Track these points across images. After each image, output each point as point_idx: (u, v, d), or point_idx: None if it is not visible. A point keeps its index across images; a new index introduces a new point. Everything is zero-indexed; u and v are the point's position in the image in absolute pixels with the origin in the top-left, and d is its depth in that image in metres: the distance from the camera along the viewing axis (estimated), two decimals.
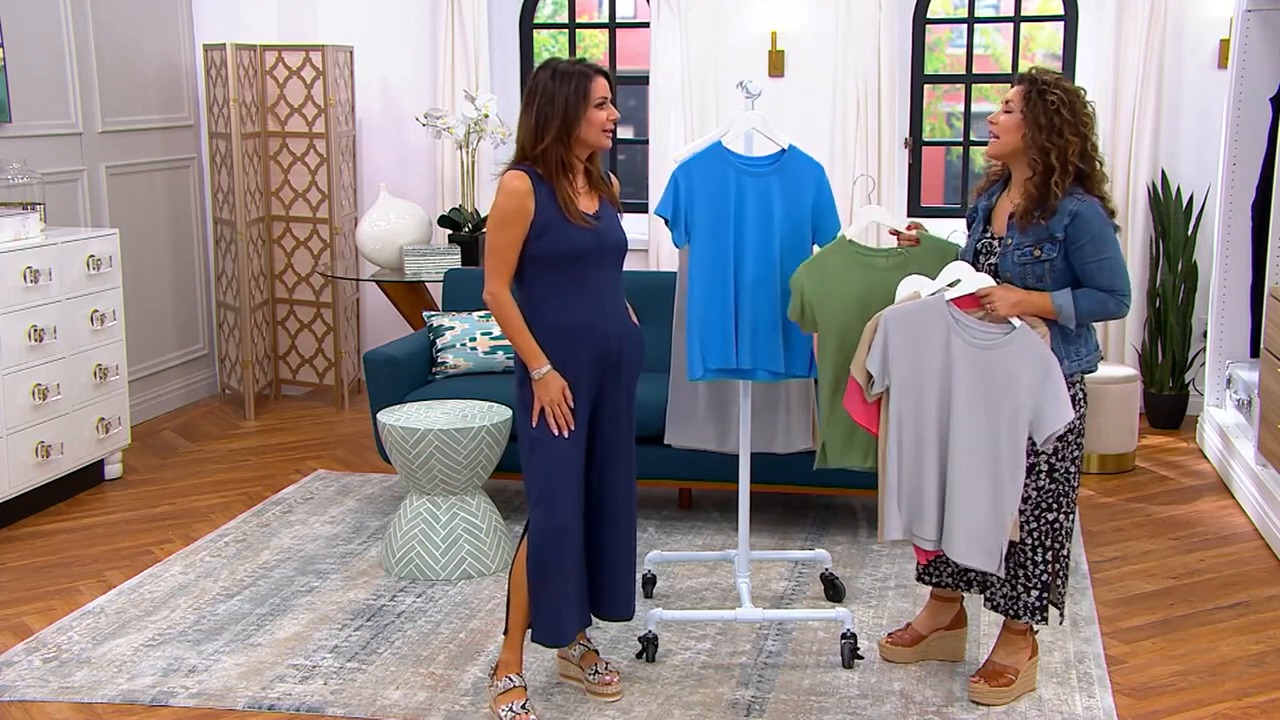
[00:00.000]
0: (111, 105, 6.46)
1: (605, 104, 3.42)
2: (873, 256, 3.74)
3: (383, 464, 5.65)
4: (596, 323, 3.48)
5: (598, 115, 3.41)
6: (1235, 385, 5.82)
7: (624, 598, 3.69)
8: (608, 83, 3.44)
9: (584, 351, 3.47)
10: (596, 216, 3.48)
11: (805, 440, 4.27)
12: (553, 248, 3.41)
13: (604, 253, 3.49)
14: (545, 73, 3.43)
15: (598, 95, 3.40)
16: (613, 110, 3.44)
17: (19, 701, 3.69)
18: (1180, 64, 6.48)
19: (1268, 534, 4.92)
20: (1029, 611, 3.62)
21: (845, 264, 3.72)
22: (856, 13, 6.51)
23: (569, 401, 3.46)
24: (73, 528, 5.17)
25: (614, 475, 3.60)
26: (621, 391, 3.58)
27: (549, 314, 3.46)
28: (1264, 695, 3.73)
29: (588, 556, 3.61)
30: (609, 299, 3.52)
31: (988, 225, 3.65)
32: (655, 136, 6.86)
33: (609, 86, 3.44)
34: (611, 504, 3.61)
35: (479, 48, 6.90)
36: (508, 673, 3.59)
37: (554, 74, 3.41)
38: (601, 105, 3.41)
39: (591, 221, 3.45)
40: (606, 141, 3.46)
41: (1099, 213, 3.46)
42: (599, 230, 3.46)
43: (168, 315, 6.98)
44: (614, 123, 3.46)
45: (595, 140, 3.43)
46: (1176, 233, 6.40)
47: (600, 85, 3.42)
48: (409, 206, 6.56)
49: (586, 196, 3.50)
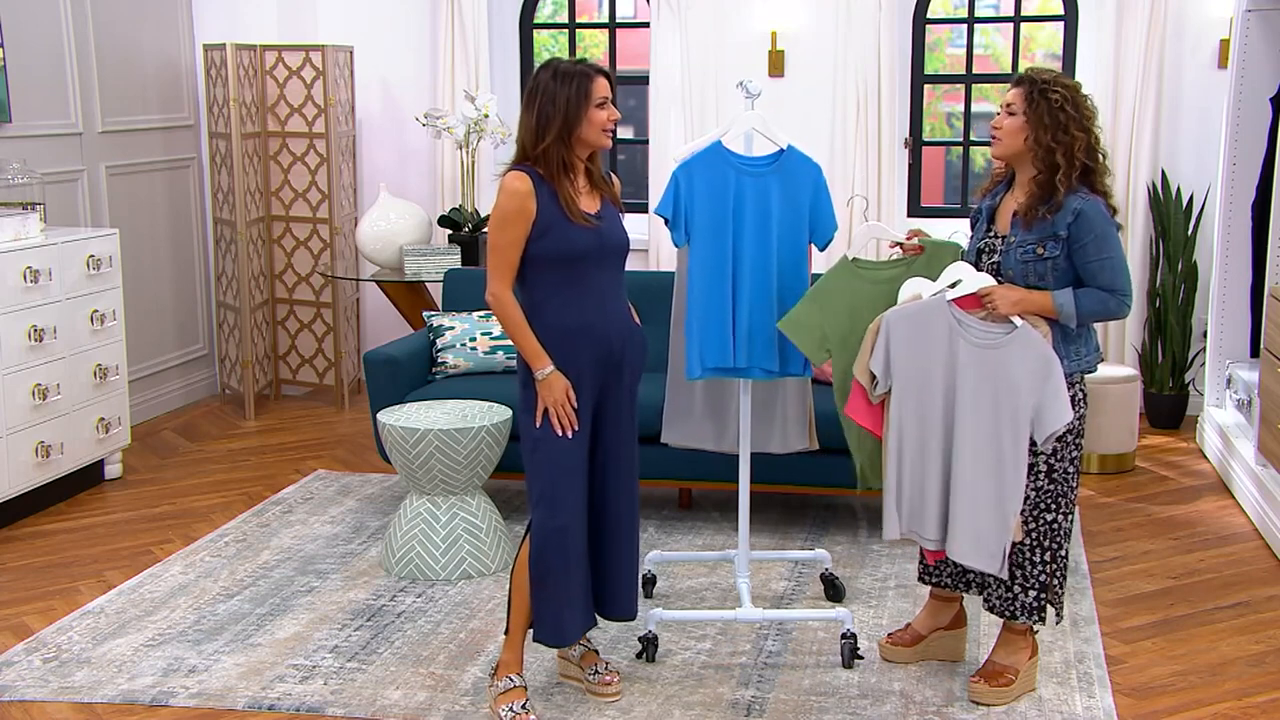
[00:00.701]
0: (111, 105, 6.46)
1: (606, 104, 3.43)
2: (876, 270, 3.74)
3: (383, 464, 5.65)
4: (598, 323, 3.48)
5: (599, 115, 3.41)
6: (1235, 385, 5.82)
7: (626, 598, 3.68)
8: (609, 83, 3.44)
9: (585, 351, 3.47)
10: (598, 216, 3.48)
11: (802, 441, 4.27)
12: (554, 248, 3.41)
13: (606, 253, 3.49)
14: (546, 73, 3.43)
15: (599, 95, 3.41)
16: (614, 110, 3.45)
17: (19, 701, 3.69)
18: (1180, 64, 6.47)
19: (1268, 534, 4.92)
20: (1026, 611, 3.62)
21: (851, 285, 3.71)
22: (856, 13, 6.51)
23: (572, 402, 3.46)
24: (73, 528, 5.17)
25: (616, 475, 3.60)
26: (624, 392, 3.58)
27: (551, 314, 3.46)
28: (1264, 695, 3.73)
29: (590, 557, 3.61)
30: (611, 299, 3.52)
31: (991, 224, 3.65)
32: (655, 136, 6.86)
33: (610, 86, 3.44)
34: (614, 504, 3.61)
35: (479, 48, 6.90)
36: (508, 673, 3.59)
37: (555, 74, 3.41)
38: (602, 105, 3.42)
39: (593, 221, 3.45)
40: (607, 141, 3.46)
41: (1102, 212, 3.46)
42: (600, 230, 3.46)
43: (168, 315, 6.98)
44: (615, 123, 3.46)
45: (596, 140, 3.43)
46: (1176, 233, 6.40)
47: (601, 85, 3.42)
48: (409, 206, 6.56)
49: (588, 196, 3.50)
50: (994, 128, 3.57)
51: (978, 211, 3.73)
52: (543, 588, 3.51)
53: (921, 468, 3.52)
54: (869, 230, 3.89)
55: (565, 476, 3.48)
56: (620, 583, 3.67)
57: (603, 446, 3.58)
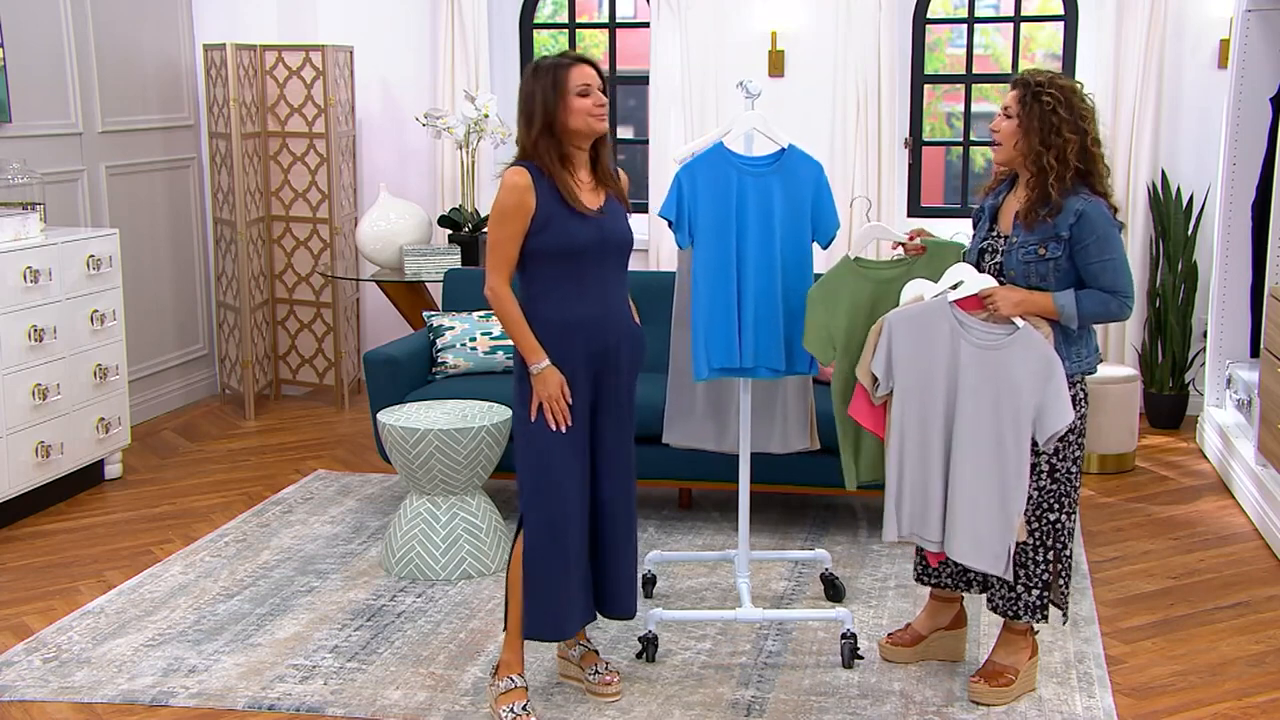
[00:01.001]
0: (111, 105, 6.46)
1: (591, 90, 3.40)
2: (879, 269, 3.74)
3: (383, 464, 5.65)
4: (596, 319, 3.47)
5: (580, 103, 3.39)
6: (1235, 385, 5.82)
7: (625, 596, 3.68)
8: (593, 70, 3.43)
9: (581, 347, 3.47)
10: (601, 211, 3.47)
11: (803, 441, 4.27)
12: (554, 242, 3.41)
13: (607, 248, 3.48)
14: (528, 71, 3.49)
15: (577, 83, 3.39)
16: (599, 96, 3.41)
17: (19, 701, 3.69)
18: (1180, 64, 6.48)
19: (1268, 534, 4.92)
20: (1029, 610, 3.62)
21: (852, 283, 3.71)
22: (856, 13, 6.51)
23: (567, 398, 3.46)
24: (73, 528, 5.17)
25: (612, 473, 3.59)
26: (621, 389, 3.57)
27: (548, 309, 3.45)
28: (1264, 695, 3.73)
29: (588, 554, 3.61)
30: (611, 296, 3.51)
31: (994, 224, 3.64)
32: (655, 136, 6.86)
33: (594, 74, 3.42)
34: (610, 502, 3.60)
35: (479, 48, 6.91)
36: (509, 673, 3.59)
37: (535, 70, 3.46)
38: (585, 93, 3.39)
39: (595, 214, 3.45)
40: (600, 126, 3.43)
41: (1104, 213, 3.46)
42: (602, 224, 3.46)
43: (168, 315, 6.98)
44: (602, 108, 3.43)
45: (584, 127, 3.41)
46: (1176, 233, 6.40)
47: (580, 73, 3.40)
48: (409, 206, 6.56)
49: (591, 191, 3.49)
50: (993, 130, 3.57)
51: (980, 210, 3.73)
52: (535, 582, 3.50)
53: (923, 469, 3.52)
54: (870, 231, 3.89)
55: (560, 471, 3.47)
56: (618, 581, 3.65)
57: (599, 443, 3.57)
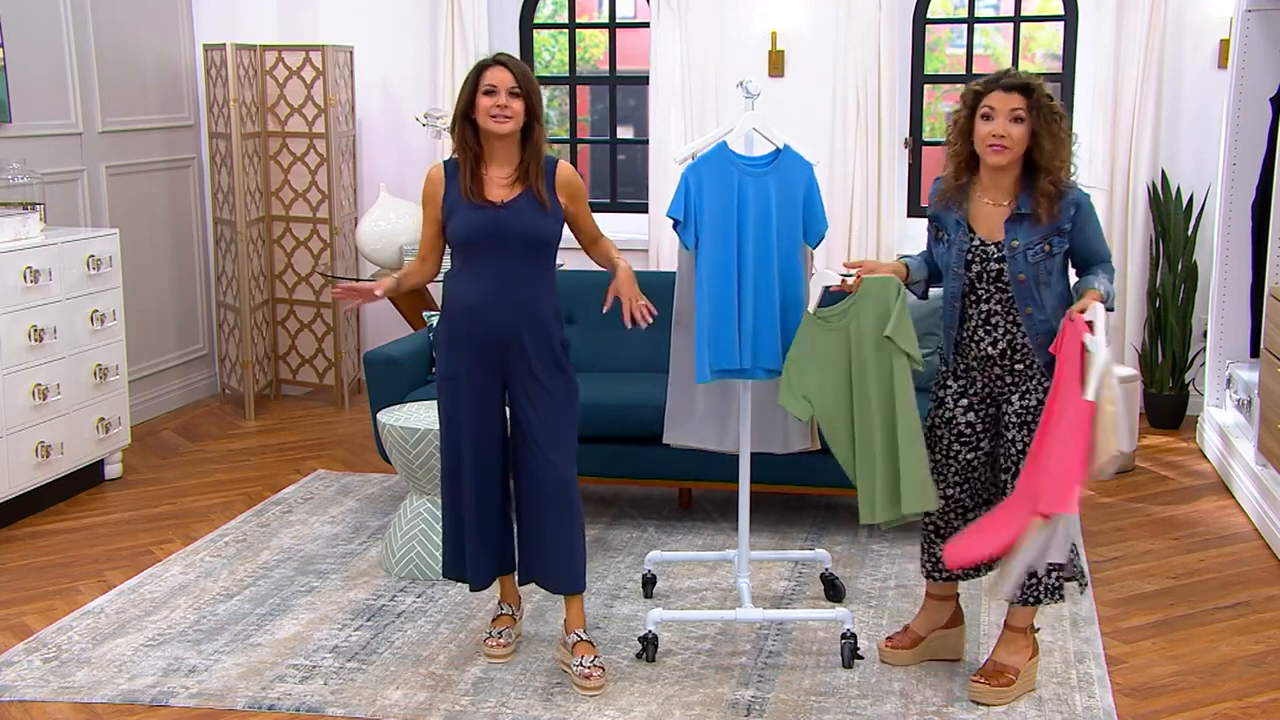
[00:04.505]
0: (111, 105, 6.46)
1: (496, 91, 3.60)
2: (830, 319, 3.78)
3: (383, 464, 5.65)
4: (489, 306, 3.69)
5: (483, 102, 3.62)
6: (1235, 385, 5.82)
7: (561, 568, 3.80)
8: (507, 73, 3.61)
9: (466, 329, 3.71)
10: (505, 204, 3.65)
11: (803, 441, 4.27)
12: (451, 231, 3.71)
13: (504, 240, 3.66)
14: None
15: (485, 83, 3.62)
16: (503, 98, 3.61)
17: (19, 701, 3.69)
18: (1180, 64, 6.48)
19: (1268, 534, 4.92)
20: (1049, 593, 3.63)
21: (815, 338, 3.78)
22: (856, 13, 6.51)
23: (367, 298, 3.77)
24: (73, 528, 5.17)
25: (533, 448, 3.76)
26: (528, 376, 3.74)
27: (452, 289, 3.76)
28: (1264, 695, 3.73)
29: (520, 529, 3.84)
30: (512, 285, 3.69)
31: (972, 233, 3.63)
32: (655, 136, 6.85)
33: (508, 77, 3.61)
34: (535, 478, 3.76)
35: (479, 48, 6.90)
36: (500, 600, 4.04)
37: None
38: (490, 92, 3.61)
39: (495, 207, 3.64)
40: (495, 127, 3.62)
41: (1088, 195, 3.63)
42: (499, 216, 3.65)
43: (168, 315, 6.98)
44: (502, 109, 3.60)
45: (484, 125, 3.63)
46: (1176, 233, 6.40)
47: (489, 74, 3.62)
48: (409, 206, 6.56)
49: (504, 186, 3.68)
50: (1000, 136, 3.53)
51: (939, 220, 3.71)
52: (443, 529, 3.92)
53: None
54: (817, 280, 3.88)
55: (462, 446, 3.78)
56: (552, 551, 3.79)
57: (518, 426, 3.79)
